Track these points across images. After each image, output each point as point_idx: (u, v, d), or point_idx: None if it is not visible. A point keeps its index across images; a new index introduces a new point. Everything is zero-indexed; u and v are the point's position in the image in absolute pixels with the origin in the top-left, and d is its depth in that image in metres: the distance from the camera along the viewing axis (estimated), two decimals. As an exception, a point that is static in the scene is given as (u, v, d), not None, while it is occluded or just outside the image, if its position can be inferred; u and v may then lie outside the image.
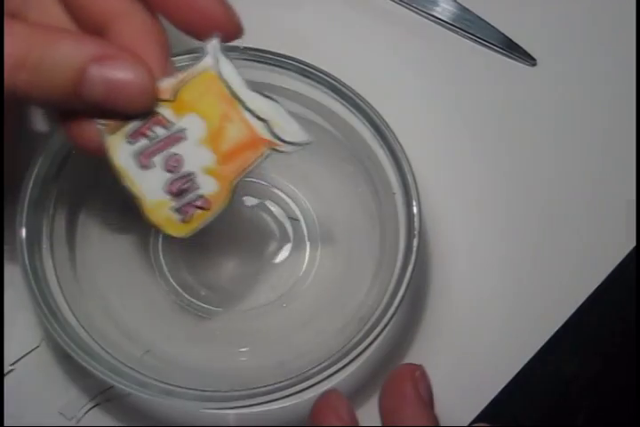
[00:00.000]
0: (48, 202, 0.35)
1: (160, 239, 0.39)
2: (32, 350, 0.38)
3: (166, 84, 0.29)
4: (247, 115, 0.29)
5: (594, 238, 0.40)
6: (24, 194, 0.33)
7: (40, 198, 0.34)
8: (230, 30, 0.30)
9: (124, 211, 0.38)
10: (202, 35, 0.29)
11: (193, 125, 0.29)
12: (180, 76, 0.29)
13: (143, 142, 0.29)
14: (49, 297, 0.33)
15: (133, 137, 0.29)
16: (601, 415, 0.40)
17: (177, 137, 0.29)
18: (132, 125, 0.29)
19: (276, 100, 0.30)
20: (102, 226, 0.38)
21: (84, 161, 0.34)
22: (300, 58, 0.35)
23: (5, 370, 0.38)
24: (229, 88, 0.29)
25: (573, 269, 0.40)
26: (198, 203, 0.29)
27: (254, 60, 0.34)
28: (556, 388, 0.39)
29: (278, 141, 0.29)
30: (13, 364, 0.38)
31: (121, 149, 0.29)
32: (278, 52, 0.34)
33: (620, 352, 0.40)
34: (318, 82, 0.35)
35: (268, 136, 0.29)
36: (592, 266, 0.40)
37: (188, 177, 0.29)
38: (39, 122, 0.32)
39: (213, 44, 0.29)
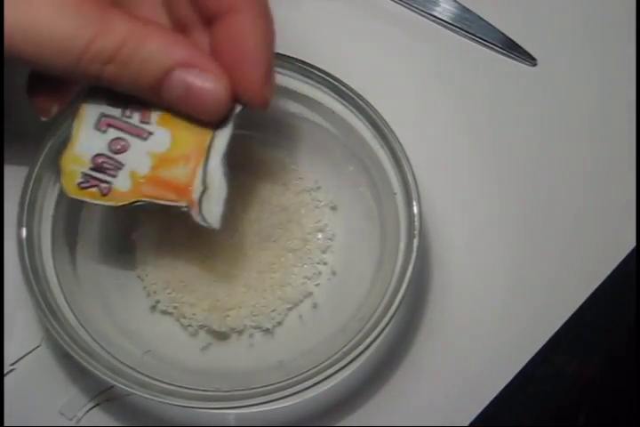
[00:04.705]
0: (48, 202, 0.35)
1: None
2: (32, 350, 0.38)
3: None
4: (200, 173, 0.31)
5: (594, 238, 0.40)
6: (24, 194, 0.34)
7: (40, 198, 0.34)
8: (252, 98, 0.30)
9: (124, 211, 0.38)
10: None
11: (159, 139, 0.31)
12: None
13: (117, 112, 0.31)
14: (49, 297, 0.33)
15: (116, 101, 0.31)
16: (601, 415, 0.40)
17: (141, 134, 0.31)
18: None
19: (227, 187, 0.31)
20: (102, 226, 0.38)
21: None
22: (300, 58, 0.35)
23: (5, 370, 0.38)
24: (210, 146, 0.31)
25: (573, 270, 0.40)
26: (103, 185, 0.31)
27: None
28: (556, 388, 0.39)
29: (197, 208, 0.31)
30: (13, 364, 0.38)
31: (98, 101, 0.31)
32: (278, 52, 0.34)
33: (619, 352, 0.40)
34: (318, 82, 0.35)
35: (195, 199, 0.31)
36: (592, 266, 0.40)
37: (116, 164, 0.31)
38: (39, 122, 0.32)
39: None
